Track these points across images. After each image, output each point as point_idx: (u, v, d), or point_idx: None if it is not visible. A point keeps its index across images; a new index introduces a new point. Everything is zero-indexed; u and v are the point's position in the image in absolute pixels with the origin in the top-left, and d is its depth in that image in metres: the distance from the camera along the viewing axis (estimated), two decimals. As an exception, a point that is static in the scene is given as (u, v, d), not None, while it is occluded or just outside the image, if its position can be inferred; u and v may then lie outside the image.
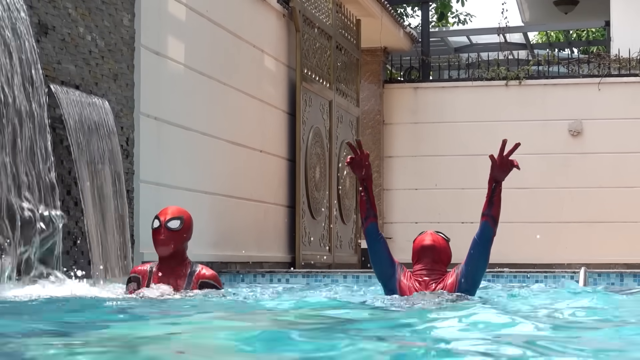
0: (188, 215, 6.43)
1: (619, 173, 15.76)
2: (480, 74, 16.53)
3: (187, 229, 6.36)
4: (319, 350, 3.40)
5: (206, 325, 4.50)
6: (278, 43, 12.01)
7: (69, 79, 7.47)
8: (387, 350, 3.44)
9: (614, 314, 5.29)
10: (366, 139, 16.13)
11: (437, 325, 4.28)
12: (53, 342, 3.60)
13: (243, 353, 3.40)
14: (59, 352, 3.29)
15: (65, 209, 7.26)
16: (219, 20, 10.29)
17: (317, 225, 12.69)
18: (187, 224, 6.36)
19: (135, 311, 5.19)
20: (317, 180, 12.68)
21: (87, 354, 3.24)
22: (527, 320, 4.38)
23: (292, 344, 3.54)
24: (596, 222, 15.85)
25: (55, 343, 3.54)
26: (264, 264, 11.20)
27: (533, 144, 15.84)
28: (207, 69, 10.02)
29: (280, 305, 5.74)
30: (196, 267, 6.38)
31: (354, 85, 14.52)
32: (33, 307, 5.40)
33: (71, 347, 3.41)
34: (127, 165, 8.20)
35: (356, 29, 14.60)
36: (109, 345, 3.52)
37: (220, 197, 10.29)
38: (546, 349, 3.41)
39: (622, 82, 15.94)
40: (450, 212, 15.75)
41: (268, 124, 11.62)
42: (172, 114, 9.22)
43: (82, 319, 4.68)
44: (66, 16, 7.46)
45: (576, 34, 25.66)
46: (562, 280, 9.23)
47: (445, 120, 16.37)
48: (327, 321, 4.71)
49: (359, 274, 10.22)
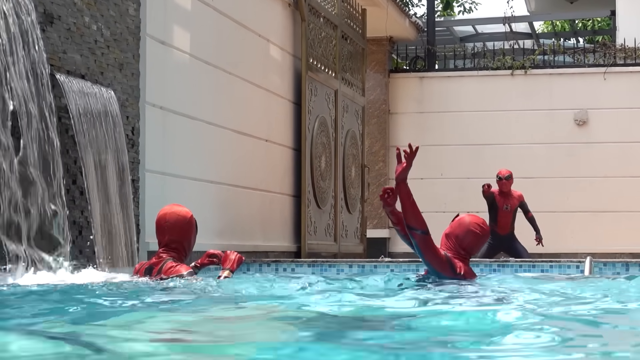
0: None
1: (624, 162, 15.75)
2: (485, 63, 16.51)
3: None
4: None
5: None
6: (284, 32, 12.00)
7: (75, 69, 7.47)
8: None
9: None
10: (372, 129, 16.13)
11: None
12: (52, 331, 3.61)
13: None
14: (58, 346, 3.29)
15: (70, 198, 7.27)
16: (224, 10, 10.28)
17: (322, 215, 12.69)
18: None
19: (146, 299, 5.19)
20: (323, 170, 12.68)
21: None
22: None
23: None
24: (602, 212, 15.84)
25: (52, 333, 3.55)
26: (270, 253, 11.21)
27: (538, 134, 15.83)
28: (213, 59, 10.01)
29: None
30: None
31: (360, 74, 14.51)
32: (38, 296, 5.41)
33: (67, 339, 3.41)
34: (132, 154, 8.21)
35: (362, 18, 14.58)
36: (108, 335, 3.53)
37: (225, 186, 10.29)
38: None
39: (628, 72, 15.92)
40: (456, 202, 15.74)
41: (274, 114, 11.61)
42: (178, 104, 9.22)
43: (85, 308, 4.68)
44: (72, 5, 7.46)
45: (582, 24, 25.61)
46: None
47: (451, 109, 16.36)
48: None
49: (364, 263, 10.23)
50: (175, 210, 6.55)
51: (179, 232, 6.44)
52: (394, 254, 15.75)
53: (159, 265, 6.34)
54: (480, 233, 6.22)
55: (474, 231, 6.20)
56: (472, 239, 6.21)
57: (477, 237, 6.21)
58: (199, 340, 3.48)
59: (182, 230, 6.45)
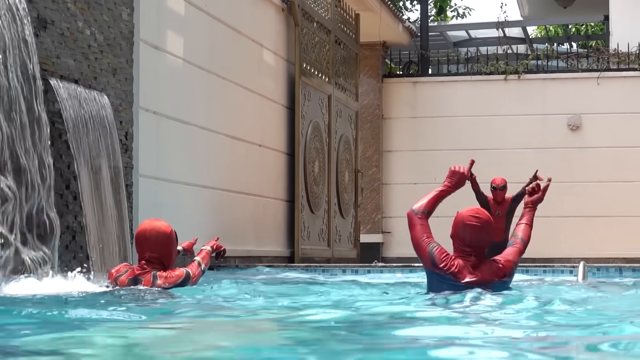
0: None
1: (618, 167, 15.76)
2: (479, 68, 16.53)
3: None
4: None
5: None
6: (277, 37, 12.00)
7: (68, 74, 7.46)
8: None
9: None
10: (365, 134, 16.13)
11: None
12: (48, 338, 3.60)
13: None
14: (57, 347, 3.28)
15: (64, 203, 7.26)
16: (218, 15, 10.28)
17: (316, 220, 12.69)
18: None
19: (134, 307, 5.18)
20: (316, 175, 12.68)
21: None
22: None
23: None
24: (595, 217, 15.85)
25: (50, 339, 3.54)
26: (263, 258, 11.20)
27: (532, 139, 15.84)
28: (206, 64, 10.01)
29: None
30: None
31: (353, 79, 14.51)
32: (31, 303, 5.39)
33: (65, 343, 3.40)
34: (126, 159, 8.19)
35: (355, 23, 14.59)
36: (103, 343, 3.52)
37: (219, 191, 10.28)
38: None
39: (621, 77, 15.93)
40: (449, 207, 15.69)
41: (267, 118, 11.61)
42: (171, 108, 9.22)
43: (78, 314, 4.67)
44: (65, 10, 7.45)
45: (575, 29, 25.64)
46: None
47: (444, 114, 16.37)
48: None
49: (357, 268, 10.23)
50: (155, 226, 6.34)
51: (160, 248, 6.25)
52: (387, 259, 15.74)
53: (149, 274, 6.22)
54: (478, 223, 5.89)
55: (470, 224, 5.92)
56: (472, 231, 5.87)
57: (475, 228, 5.88)
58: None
59: (162, 246, 6.24)
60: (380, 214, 16.34)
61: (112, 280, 6.29)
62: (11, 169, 6.40)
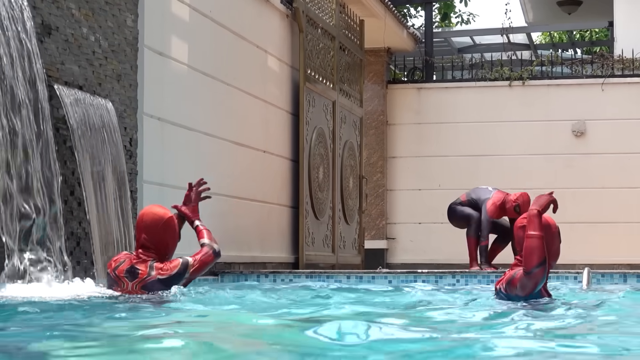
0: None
1: (622, 173, 15.75)
2: (483, 74, 16.52)
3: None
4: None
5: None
6: (281, 43, 12.01)
7: (73, 80, 7.47)
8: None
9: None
10: (369, 140, 16.13)
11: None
12: (55, 343, 3.60)
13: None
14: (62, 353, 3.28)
15: (68, 209, 7.26)
16: (222, 21, 10.29)
17: (320, 226, 12.68)
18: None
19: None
20: (321, 181, 12.68)
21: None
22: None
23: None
24: (600, 223, 15.83)
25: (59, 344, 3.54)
26: (268, 264, 11.20)
27: (536, 145, 15.83)
28: (211, 70, 10.02)
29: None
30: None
31: (358, 85, 14.52)
32: (37, 308, 5.39)
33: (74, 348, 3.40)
34: (130, 165, 8.20)
35: (359, 29, 14.59)
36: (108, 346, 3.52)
37: (223, 197, 10.29)
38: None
39: (626, 83, 15.93)
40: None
41: (271, 125, 11.61)
42: (176, 115, 9.22)
43: (83, 320, 4.67)
44: (69, 17, 7.47)
45: (579, 35, 25.64)
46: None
47: (449, 120, 16.36)
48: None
49: (362, 274, 10.23)
50: (154, 210, 6.43)
51: (154, 232, 6.26)
52: (391, 265, 15.74)
53: (146, 264, 6.22)
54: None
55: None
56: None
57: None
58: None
59: (157, 230, 6.28)
60: (384, 220, 16.34)
61: (110, 270, 6.31)
62: (15, 173, 6.41)
